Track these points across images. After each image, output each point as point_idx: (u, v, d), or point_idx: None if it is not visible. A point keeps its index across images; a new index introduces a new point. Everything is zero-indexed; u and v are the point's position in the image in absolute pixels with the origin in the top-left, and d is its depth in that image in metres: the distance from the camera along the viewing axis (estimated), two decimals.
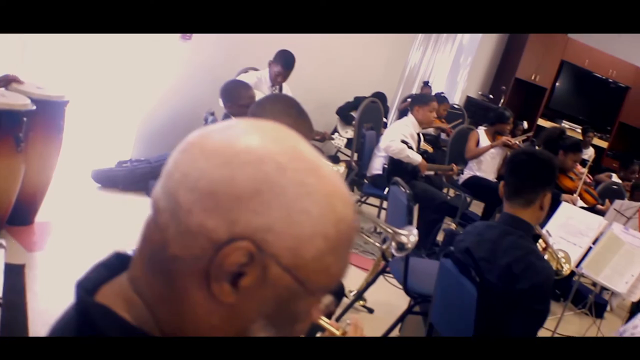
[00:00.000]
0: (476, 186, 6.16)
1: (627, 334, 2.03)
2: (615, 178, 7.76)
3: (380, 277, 4.71)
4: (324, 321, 1.09)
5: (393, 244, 2.82)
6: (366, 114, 6.37)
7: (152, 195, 0.80)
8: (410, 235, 2.78)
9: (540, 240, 3.28)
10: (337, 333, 1.02)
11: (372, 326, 3.78)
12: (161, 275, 0.79)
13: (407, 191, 3.49)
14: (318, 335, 1.02)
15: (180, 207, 0.76)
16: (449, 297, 2.86)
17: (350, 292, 4.21)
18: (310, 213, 0.78)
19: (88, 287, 0.82)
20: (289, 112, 2.29)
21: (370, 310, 4.26)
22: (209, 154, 0.77)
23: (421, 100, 5.60)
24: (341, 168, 3.50)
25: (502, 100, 9.94)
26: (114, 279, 0.84)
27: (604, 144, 11.25)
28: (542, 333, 4.53)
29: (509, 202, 2.63)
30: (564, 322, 4.93)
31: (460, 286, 2.62)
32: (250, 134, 0.79)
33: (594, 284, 4.83)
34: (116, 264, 0.86)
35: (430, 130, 7.55)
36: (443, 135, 7.91)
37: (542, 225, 3.41)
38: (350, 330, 1.82)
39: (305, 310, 0.83)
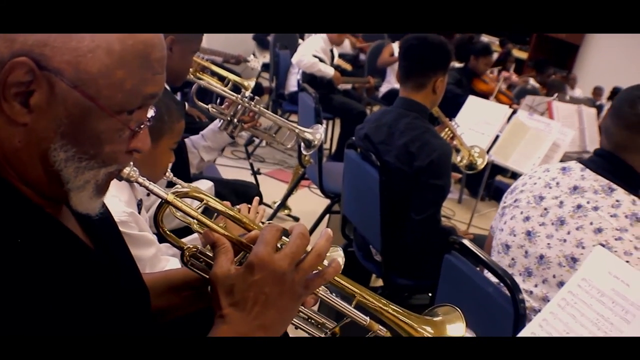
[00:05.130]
0: (395, 98, 6.22)
1: (517, 191, 2.13)
2: (532, 82, 7.96)
3: (305, 189, 4.82)
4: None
5: (301, 143, 2.86)
6: (281, 36, 6.33)
7: None
8: (316, 133, 2.83)
9: (447, 130, 3.36)
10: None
11: None
12: None
13: (314, 94, 3.52)
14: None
15: None
16: (355, 186, 2.94)
17: (275, 203, 4.30)
18: None
19: None
20: None
21: (296, 219, 4.36)
22: None
23: None
24: (252, 83, 3.51)
25: None
26: None
27: (523, 55, 11.48)
28: (460, 226, 4.74)
29: (402, 86, 2.70)
30: (487, 219, 5.12)
31: (363, 173, 2.70)
32: None
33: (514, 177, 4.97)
34: None
35: (349, 50, 7.55)
36: (362, 56, 7.93)
37: (450, 118, 3.48)
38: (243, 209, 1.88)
39: (110, 130, 0.85)
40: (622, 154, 1.88)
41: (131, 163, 0.95)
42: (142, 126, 0.90)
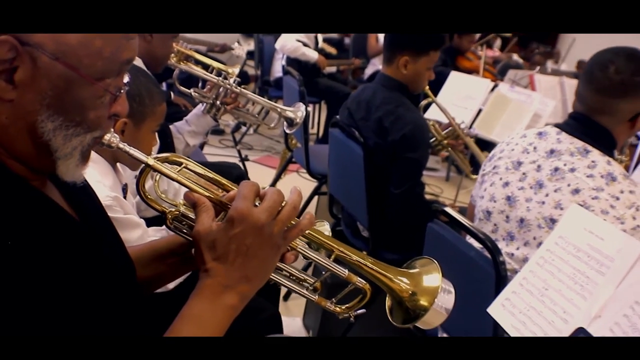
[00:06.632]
0: None
1: (495, 158, 2.17)
2: (516, 57, 7.98)
3: (294, 174, 4.85)
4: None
5: (284, 122, 2.88)
6: None
7: None
8: (297, 111, 2.84)
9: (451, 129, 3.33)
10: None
11: None
12: None
13: (298, 77, 3.55)
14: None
15: None
16: (340, 164, 2.98)
17: (264, 188, 4.33)
18: None
19: None
20: None
21: None
22: None
23: None
24: (236, 70, 3.52)
25: None
26: None
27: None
28: (447, 203, 4.76)
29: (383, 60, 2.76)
30: None
31: (348, 150, 2.74)
32: None
33: None
34: None
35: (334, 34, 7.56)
36: (347, 39, 7.93)
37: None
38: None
39: (93, 97, 0.88)
40: (595, 117, 1.92)
41: (112, 130, 0.98)
42: (121, 91, 0.93)
